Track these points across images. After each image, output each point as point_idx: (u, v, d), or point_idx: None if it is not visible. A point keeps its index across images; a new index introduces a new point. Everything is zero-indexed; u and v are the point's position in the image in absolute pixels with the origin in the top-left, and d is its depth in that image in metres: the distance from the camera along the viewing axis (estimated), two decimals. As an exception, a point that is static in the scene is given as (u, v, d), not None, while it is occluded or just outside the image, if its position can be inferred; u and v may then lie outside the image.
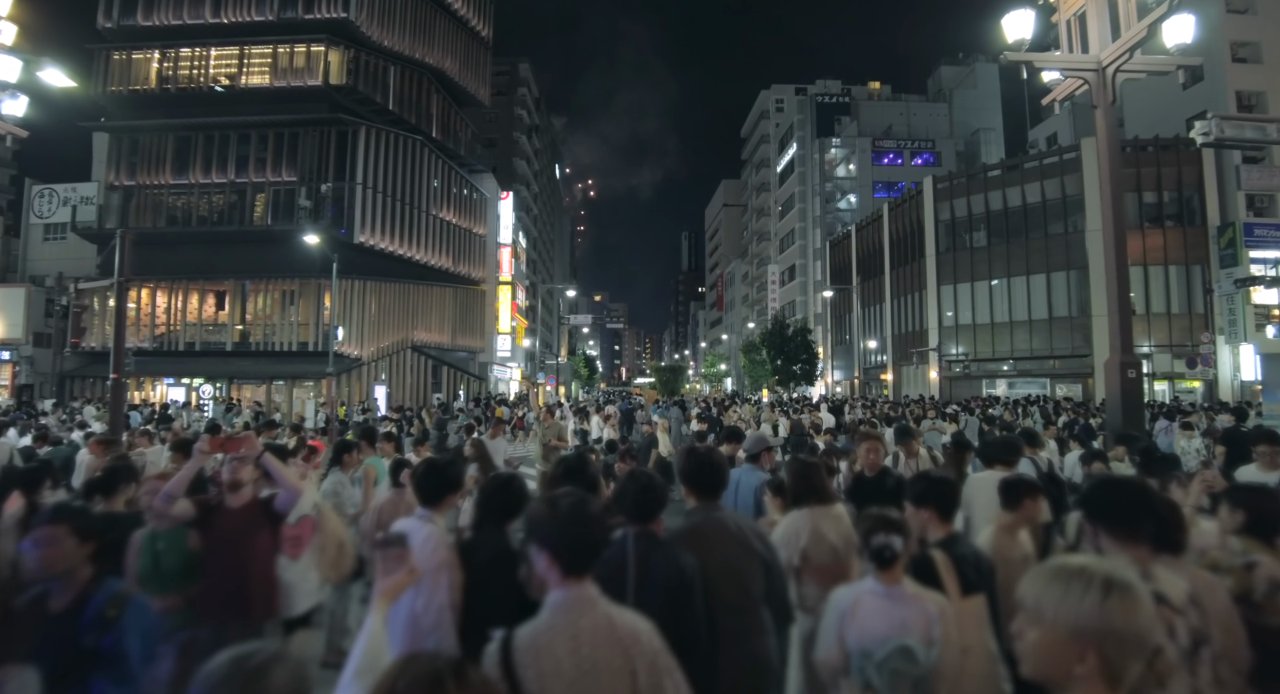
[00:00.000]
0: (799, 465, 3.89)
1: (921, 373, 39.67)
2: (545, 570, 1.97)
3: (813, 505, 3.69)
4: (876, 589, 2.76)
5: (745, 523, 3.03)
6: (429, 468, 3.14)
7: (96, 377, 33.56)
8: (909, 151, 60.09)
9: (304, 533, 4.07)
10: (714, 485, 3.01)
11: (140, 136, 36.17)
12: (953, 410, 21.98)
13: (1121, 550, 2.30)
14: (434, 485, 3.05)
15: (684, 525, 2.95)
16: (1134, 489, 2.50)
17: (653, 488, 2.72)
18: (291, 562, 4.04)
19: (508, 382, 55.01)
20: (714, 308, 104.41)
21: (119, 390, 9.35)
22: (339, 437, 12.11)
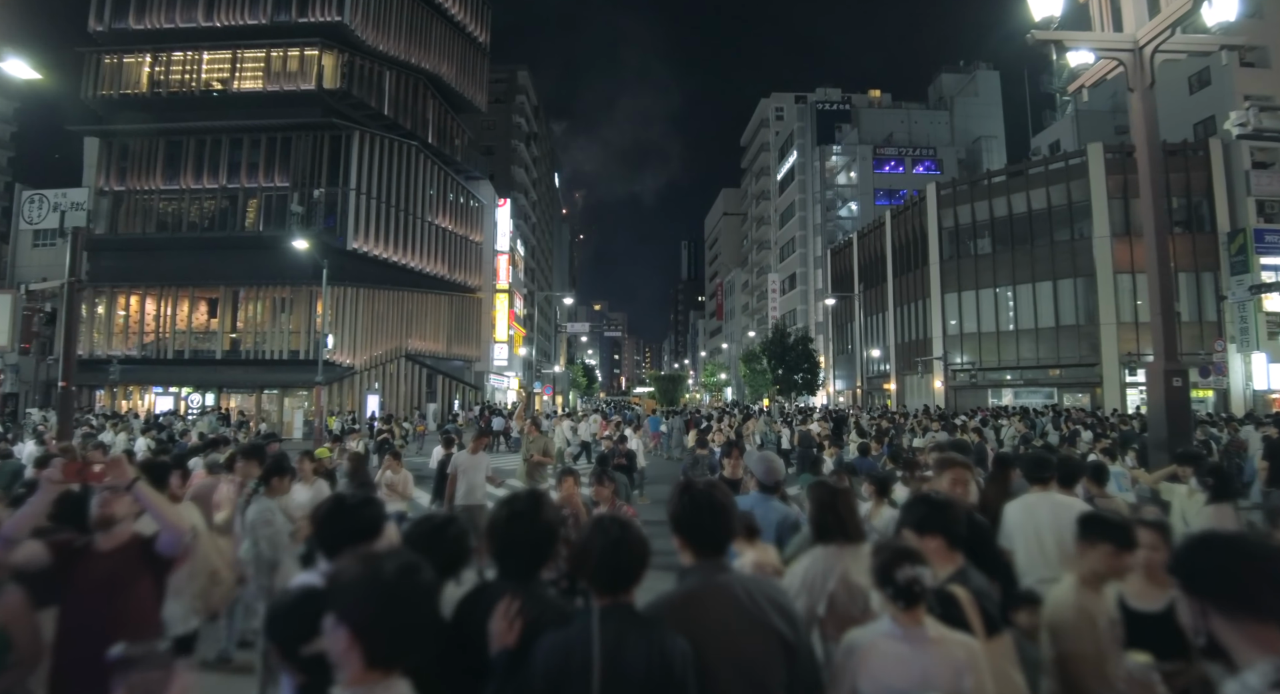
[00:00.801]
0: (824, 492, 3.18)
1: (925, 382, 38.93)
2: (342, 653, 1.51)
3: (840, 543, 3.01)
4: (894, 632, 2.27)
5: (759, 588, 2.19)
6: (335, 508, 2.37)
7: (82, 385, 32.81)
8: (910, 159, 59.56)
9: None
10: (716, 537, 2.22)
11: (131, 141, 35.58)
12: (961, 421, 21.26)
13: (1246, 640, 1.49)
14: (338, 531, 2.31)
15: (674, 594, 2.16)
16: (1257, 550, 1.61)
17: (627, 544, 1.99)
18: None
19: (504, 391, 54.28)
20: (713, 317, 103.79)
21: (67, 399, 8.65)
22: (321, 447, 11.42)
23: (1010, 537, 3.97)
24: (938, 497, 2.97)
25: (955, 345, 37.18)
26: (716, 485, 2.28)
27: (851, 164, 59.79)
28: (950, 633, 2.32)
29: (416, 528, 2.29)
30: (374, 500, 2.50)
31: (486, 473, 8.27)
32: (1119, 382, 32.16)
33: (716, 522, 2.20)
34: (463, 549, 2.25)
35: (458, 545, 2.24)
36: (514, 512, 2.19)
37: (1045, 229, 34.97)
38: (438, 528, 2.26)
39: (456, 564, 2.24)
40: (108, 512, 2.77)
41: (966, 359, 37.03)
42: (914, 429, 19.68)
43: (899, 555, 2.32)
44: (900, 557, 2.32)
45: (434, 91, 43.64)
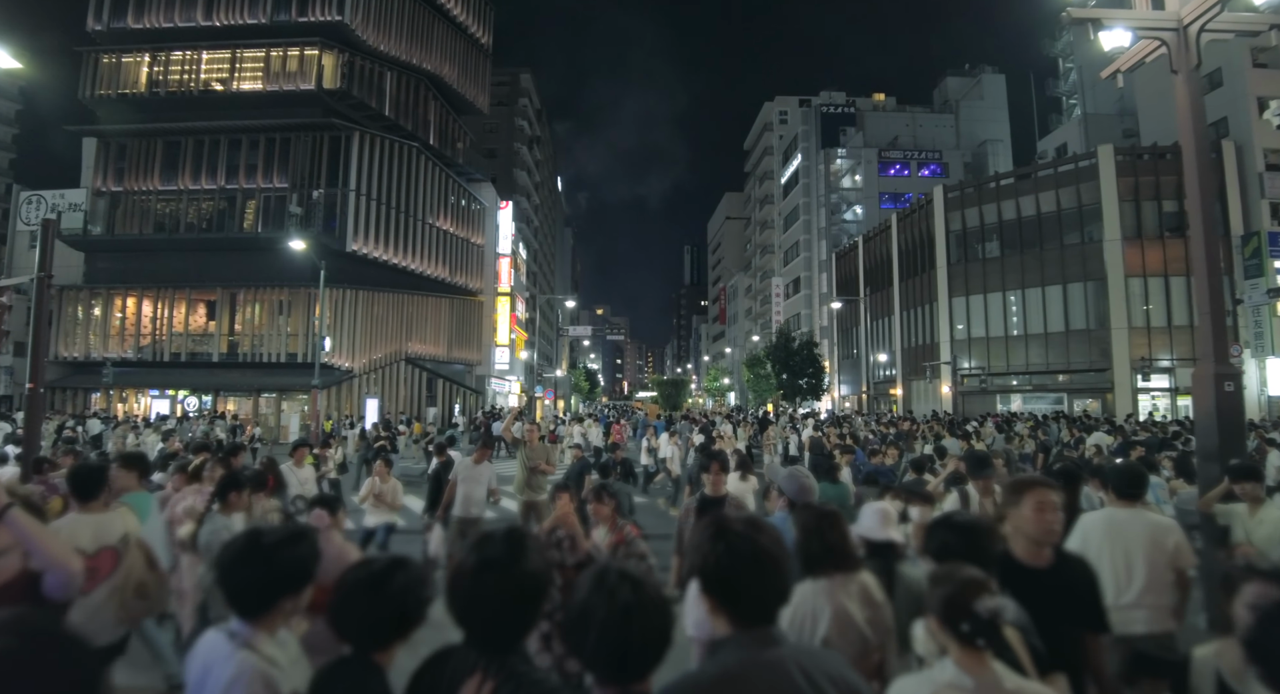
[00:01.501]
0: (810, 516, 2.79)
1: (933, 388, 38.36)
2: None
3: (830, 574, 2.65)
4: (963, 683, 1.83)
5: (819, 666, 1.57)
6: (246, 548, 1.81)
7: (78, 388, 32.41)
8: (916, 162, 59.15)
9: (102, 566, 3.56)
10: (765, 601, 1.59)
11: (128, 141, 35.17)
12: (971, 427, 20.72)
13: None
14: (249, 582, 1.78)
15: (707, 677, 1.54)
16: None
17: (641, 612, 1.45)
18: (83, 597, 3.37)
19: (506, 395, 53.75)
20: (716, 321, 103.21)
21: (35, 402, 8.12)
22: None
23: (1096, 559, 3.43)
24: (961, 519, 2.61)
25: (963, 350, 36.63)
26: (761, 526, 1.67)
27: (856, 167, 59.35)
28: (1027, 683, 1.90)
29: (350, 576, 1.73)
30: (302, 535, 1.91)
31: (490, 486, 7.75)
32: (1130, 387, 31.61)
33: (765, 579, 1.58)
34: (411, 604, 1.71)
35: (405, 600, 1.69)
36: (485, 559, 1.60)
37: (1055, 232, 34.48)
38: (376, 578, 1.70)
39: (404, 624, 1.70)
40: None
41: (975, 364, 36.50)
42: (924, 435, 19.17)
43: (974, 585, 1.95)
44: (976, 586, 1.95)
45: (435, 93, 43.22)
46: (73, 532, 3.60)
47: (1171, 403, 31.50)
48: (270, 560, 1.78)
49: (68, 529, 3.61)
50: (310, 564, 1.85)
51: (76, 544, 3.50)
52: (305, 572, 1.84)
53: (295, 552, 1.83)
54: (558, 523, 3.80)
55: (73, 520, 3.70)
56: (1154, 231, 31.76)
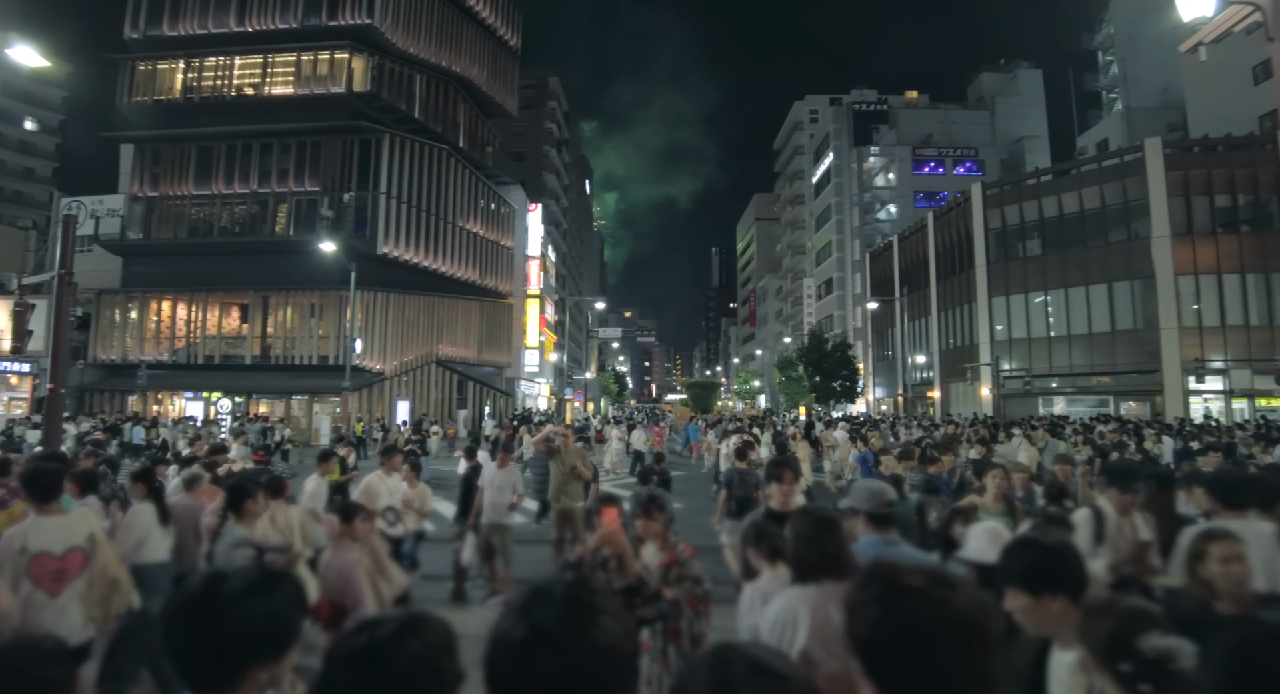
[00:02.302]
0: (807, 523, 2.65)
1: (972, 390, 37.33)
2: None
3: (821, 581, 2.53)
4: None
5: None
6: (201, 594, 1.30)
7: (114, 390, 32.77)
8: (951, 160, 57.92)
9: (70, 567, 3.61)
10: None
11: (163, 147, 35.59)
12: (1018, 431, 19.89)
13: None
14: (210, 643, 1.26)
15: None
16: None
17: (545, 646, 1.05)
18: (50, 598, 3.52)
19: (535, 398, 53.58)
20: (746, 323, 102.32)
21: (54, 403, 7.87)
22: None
23: None
24: (1050, 539, 2.24)
25: (1004, 351, 35.57)
26: (954, 583, 1.13)
27: (889, 166, 58.29)
28: None
29: (341, 648, 1.17)
30: (277, 580, 1.38)
31: (516, 491, 7.34)
32: (1181, 389, 30.38)
33: (963, 662, 1.06)
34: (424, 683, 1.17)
35: (411, 684, 1.15)
36: (537, 629, 1.07)
37: (1099, 229, 33.33)
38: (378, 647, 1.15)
39: None
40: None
41: (1015, 366, 35.43)
42: (969, 440, 18.44)
43: (1141, 619, 1.66)
44: (1143, 621, 1.66)
45: (464, 95, 43.20)
46: (38, 535, 3.61)
47: (1226, 406, 30.21)
48: (230, 615, 1.27)
49: (33, 532, 3.61)
50: (289, 618, 1.35)
51: (43, 547, 3.58)
52: (282, 630, 1.34)
53: (268, 603, 1.32)
54: (604, 541, 3.34)
55: (35, 524, 3.67)
56: (1205, 227, 30.53)
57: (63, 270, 7.66)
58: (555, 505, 7.87)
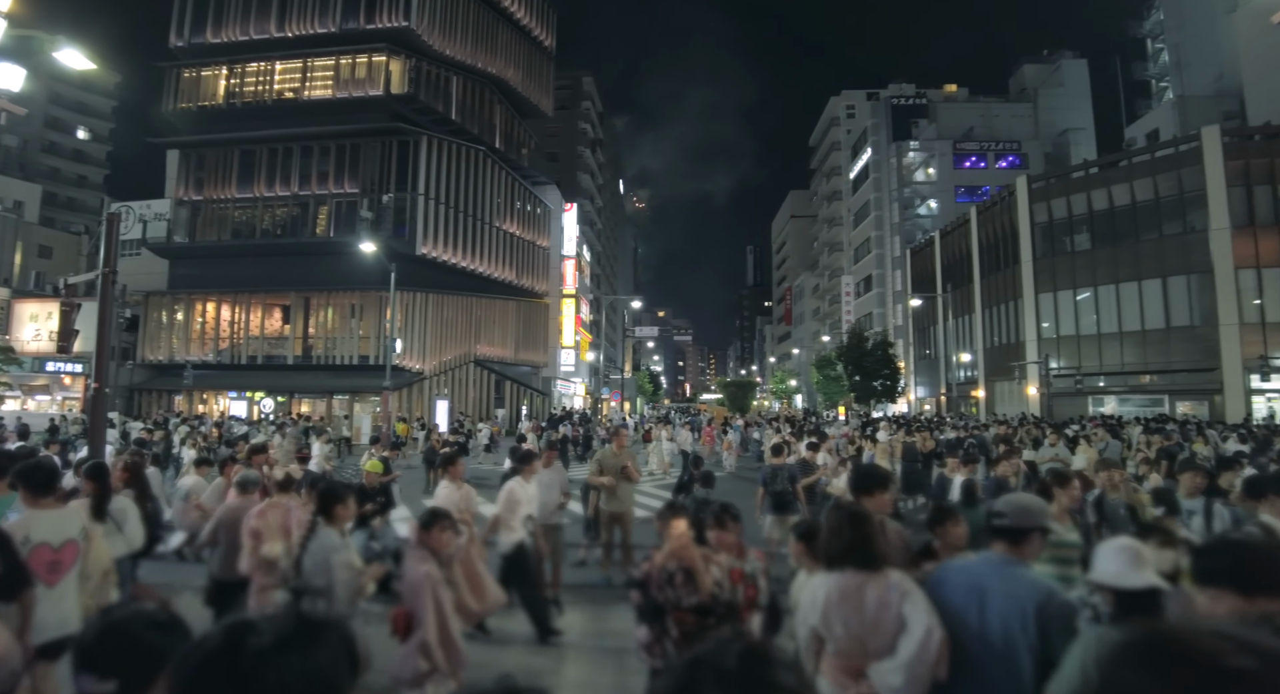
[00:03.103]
0: (839, 516, 2.81)
1: (1019, 389, 36.35)
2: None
3: (845, 569, 2.67)
4: None
5: None
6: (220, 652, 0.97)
7: (161, 390, 33.44)
8: (993, 154, 56.60)
9: (65, 558, 3.77)
10: None
11: (207, 152, 36.23)
12: (1072, 432, 19.22)
13: None
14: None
15: None
16: None
17: None
18: (48, 589, 3.63)
19: (571, 397, 53.59)
20: (781, 322, 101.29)
21: (99, 402, 7.86)
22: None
23: None
24: (1258, 537, 2.13)
25: (1051, 349, 34.54)
26: (1245, 639, 0.85)
27: (930, 160, 57.18)
28: None
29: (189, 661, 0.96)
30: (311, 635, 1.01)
31: (562, 489, 7.13)
32: (1242, 388, 29.19)
33: None
34: None
35: None
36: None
37: (1152, 222, 32.21)
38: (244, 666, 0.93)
39: None
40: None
41: (1064, 364, 34.40)
42: (1023, 440, 17.80)
43: None
44: None
45: (500, 96, 43.33)
46: (37, 526, 3.72)
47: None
48: (258, 681, 0.94)
49: (33, 524, 3.73)
50: (336, 683, 1.00)
51: (42, 539, 3.70)
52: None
53: (307, 663, 0.98)
54: (674, 556, 3.07)
55: (33, 516, 3.78)
56: (1269, 218, 29.23)
57: (106, 269, 7.64)
58: (606, 507, 7.64)
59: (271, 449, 12.84)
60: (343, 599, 3.76)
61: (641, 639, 3.05)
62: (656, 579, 3.05)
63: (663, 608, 3.00)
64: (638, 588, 3.09)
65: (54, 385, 38.98)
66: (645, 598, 3.05)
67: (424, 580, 3.68)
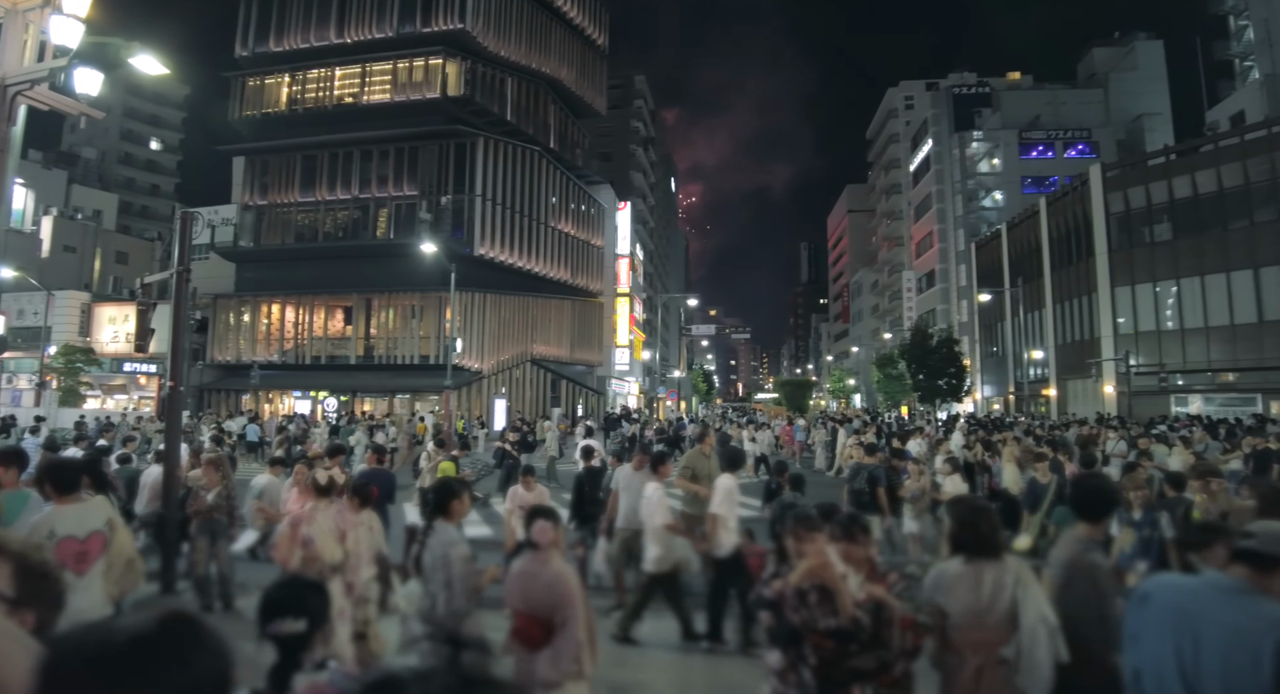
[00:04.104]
0: (966, 509, 3.11)
1: (1094, 388, 34.72)
2: None
3: (972, 559, 2.92)
4: None
5: None
6: None
7: (229, 389, 34.36)
8: (1061, 142, 54.35)
9: (92, 549, 4.00)
10: None
11: (271, 158, 37.11)
12: (1159, 431, 18.16)
13: None
14: None
15: None
16: None
17: None
18: (76, 578, 3.84)
19: (625, 396, 53.44)
20: (838, 320, 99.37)
21: (174, 401, 7.84)
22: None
23: None
24: None
25: (1129, 346, 32.87)
26: None
27: (994, 150, 55.22)
28: None
29: None
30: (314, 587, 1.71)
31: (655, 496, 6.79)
32: (1347, 385, 27.29)
33: None
34: None
35: None
36: None
37: (1242, 210, 30.32)
38: None
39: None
40: None
41: (1143, 361, 32.71)
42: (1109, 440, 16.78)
43: None
44: None
45: (554, 96, 43.39)
46: (62, 520, 3.97)
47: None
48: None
49: (58, 519, 3.99)
50: None
51: (68, 531, 3.93)
52: None
53: None
54: (812, 575, 2.68)
55: (59, 511, 4.03)
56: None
57: (180, 268, 7.62)
58: (686, 510, 7.27)
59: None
60: (462, 594, 3.66)
61: (773, 665, 2.69)
62: (790, 600, 2.67)
63: (799, 632, 2.62)
64: (769, 609, 2.72)
65: (131, 385, 40.47)
66: (778, 620, 2.68)
67: (572, 578, 3.48)
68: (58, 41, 8.21)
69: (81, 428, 18.81)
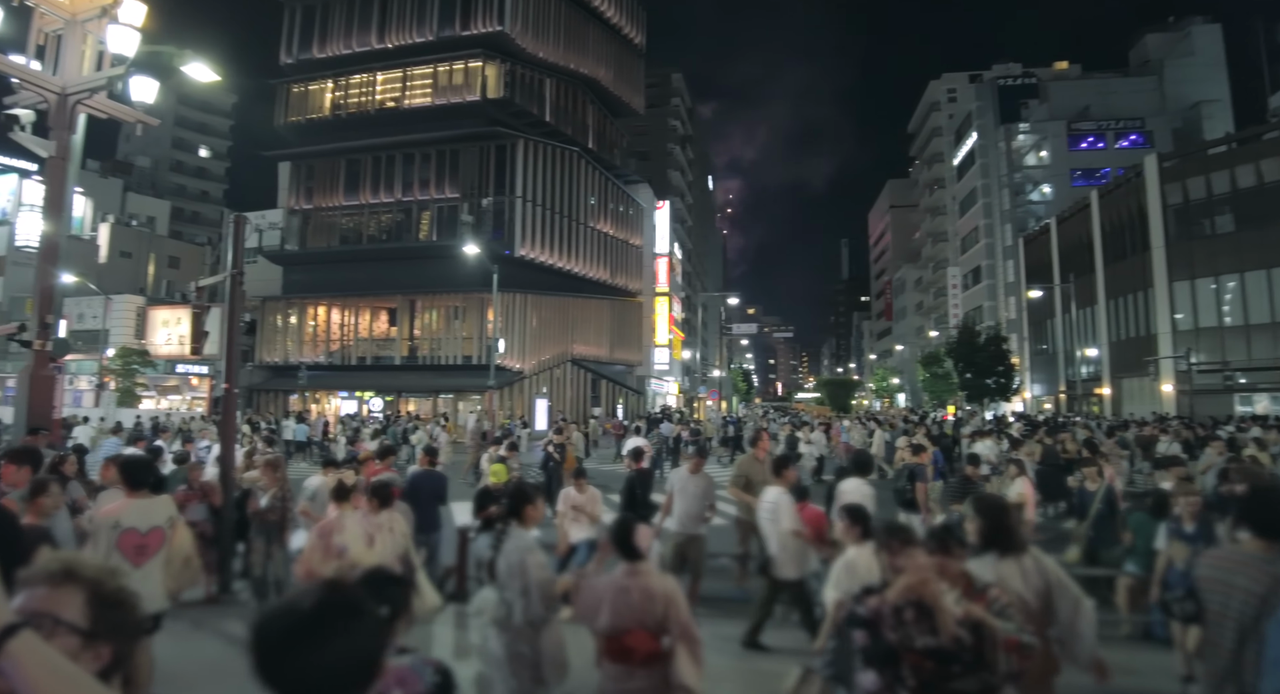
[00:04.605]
0: (988, 505, 3.32)
1: (1151, 387, 33.53)
2: None
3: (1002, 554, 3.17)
4: None
5: None
6: None
7: (277, 390, 35.03)
8: (1112, 133, 52.62)
9: (151, 543, 4.27)
10: None
11: (316, 162, 37.76)
12: (1226, 434, 17.31)
13: None
14: None
15: None
16: None
17: None
18: (134, 568, 4.14)
19: (664, 396, 53.25)
20: (881, 317, 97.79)
21: (229, 402, 7.92)
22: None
23: None
24: None
25: (1189, 342, 31.65)
26: None
27: (1042, 143, 53.71)
28: None
29: None
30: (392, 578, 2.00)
31: (709, 501, 6.62)
32: None
33: None
34: None
35: None
36: None
37: (1312, 199, 29.01)
38: None
39: None
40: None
41: (1204, 358, 31.47)
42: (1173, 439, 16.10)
43: None
44: None
45: (592, 96, 43.40)
46: (127, 514, 4.32)
47: None
48: None
49: (124, 512, 4.33)
50: None
51: (130, 524, 4.25)
52: None
53: None
54: (913, 591, 2.49)
55: (125, 505, 4.39)
56: None
57: (234, 270, 7.69)
58: (742, 516, 7.09)
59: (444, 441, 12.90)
60: (540, 602, 3.51)
61: (868, 687, 2.49)
62: (888, 618, 2.48)
63: (896, 651, 2.44)
64: (863, 628, 2.53)
65: (183, 386, 41.54)
66: (874, 640, 2.49)
67: (672, 586, 3.26)
68: (115, 50, 8.36)
69: (139, 428, 19.30)
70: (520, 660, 3.48)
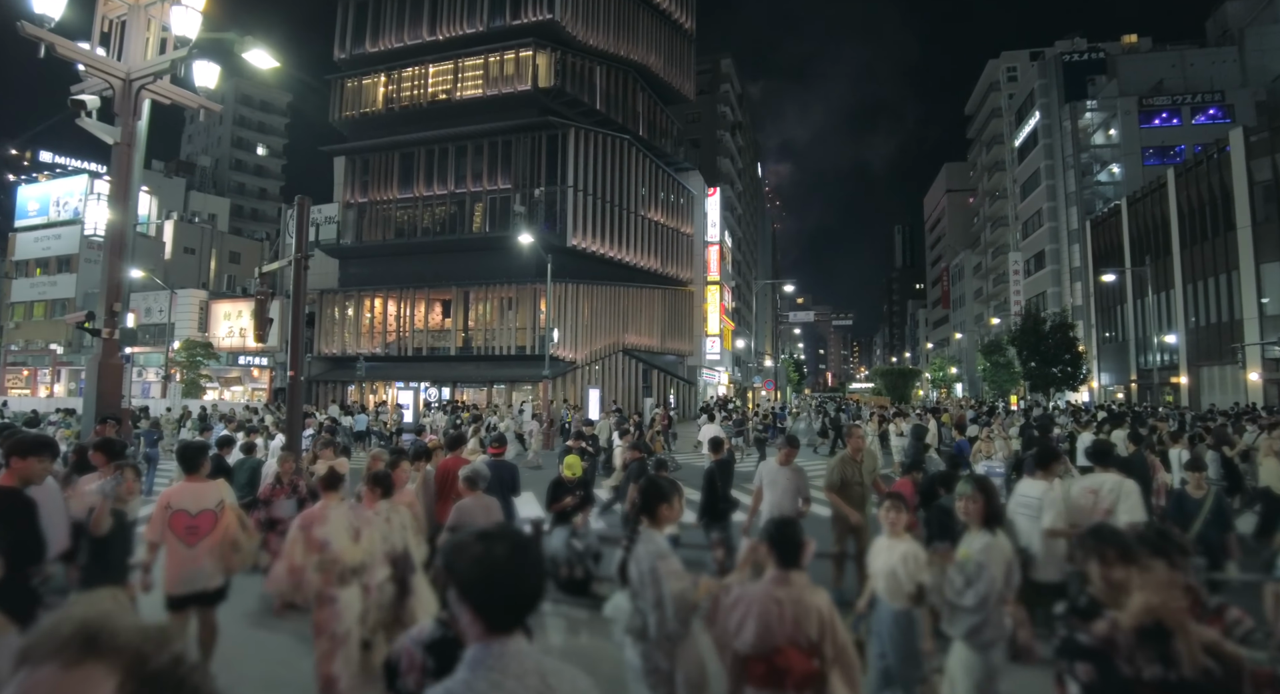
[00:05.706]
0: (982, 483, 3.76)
1: (1233, 375, 31.82)
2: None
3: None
4: None
5: None
6: None
7: (336, 381, 35.61)
8: (1189, 108, 49.92)
9: (201, 524, 4.55)
10: None
11: (370, 156, 38.13)
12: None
13: None
14: None
15: None
16: None
17: None
18: (187, 548, 4.48)
19: (715, 386, 52.67)
20: (938, 305, 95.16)
21: (295, 390, 7.80)
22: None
23: None
24: None
25: (1278, 328, 29.90)
26: None
27: (1111, 120, 51.36)
28: None
29: None
30: None
31: (802, 494, 6.22)
32: None
33: None
34: None
35: None
36: None
37: None
38: None
39: None
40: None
41: (1294, 344, 29.67)
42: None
43: None
44: None
45: (643, 83, 42.90)
46: (180, 497, 4.61)
47: None
48: None
49: (176, 495, 4.63)
50: None
51: (181, 506, 4.55)
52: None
53: None
54: (1157, 613, 2.03)
55: (179, 488, 4.70)
56: None
57: (299, 254, 7.56)
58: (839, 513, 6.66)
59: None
60: (675, 615, 3.10)
61: None
62: (1124, 648, 2.03)
63: (1133, 687, 1.99)
64: (1088, 660, 2.07)
65: (245, 377, 42.60)
66: (1103, 673, 2.03)
67: (824, 599, 2.90)
68: (178, 32, 8.29)
69: (205, 419, 19.70)
70: (658, 675, 3.12)
